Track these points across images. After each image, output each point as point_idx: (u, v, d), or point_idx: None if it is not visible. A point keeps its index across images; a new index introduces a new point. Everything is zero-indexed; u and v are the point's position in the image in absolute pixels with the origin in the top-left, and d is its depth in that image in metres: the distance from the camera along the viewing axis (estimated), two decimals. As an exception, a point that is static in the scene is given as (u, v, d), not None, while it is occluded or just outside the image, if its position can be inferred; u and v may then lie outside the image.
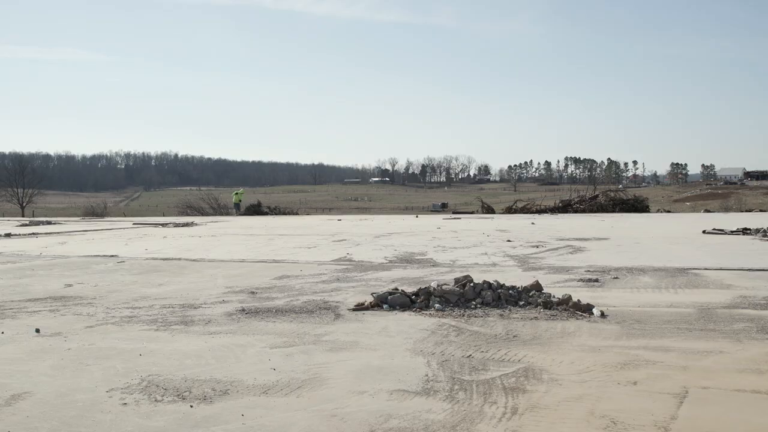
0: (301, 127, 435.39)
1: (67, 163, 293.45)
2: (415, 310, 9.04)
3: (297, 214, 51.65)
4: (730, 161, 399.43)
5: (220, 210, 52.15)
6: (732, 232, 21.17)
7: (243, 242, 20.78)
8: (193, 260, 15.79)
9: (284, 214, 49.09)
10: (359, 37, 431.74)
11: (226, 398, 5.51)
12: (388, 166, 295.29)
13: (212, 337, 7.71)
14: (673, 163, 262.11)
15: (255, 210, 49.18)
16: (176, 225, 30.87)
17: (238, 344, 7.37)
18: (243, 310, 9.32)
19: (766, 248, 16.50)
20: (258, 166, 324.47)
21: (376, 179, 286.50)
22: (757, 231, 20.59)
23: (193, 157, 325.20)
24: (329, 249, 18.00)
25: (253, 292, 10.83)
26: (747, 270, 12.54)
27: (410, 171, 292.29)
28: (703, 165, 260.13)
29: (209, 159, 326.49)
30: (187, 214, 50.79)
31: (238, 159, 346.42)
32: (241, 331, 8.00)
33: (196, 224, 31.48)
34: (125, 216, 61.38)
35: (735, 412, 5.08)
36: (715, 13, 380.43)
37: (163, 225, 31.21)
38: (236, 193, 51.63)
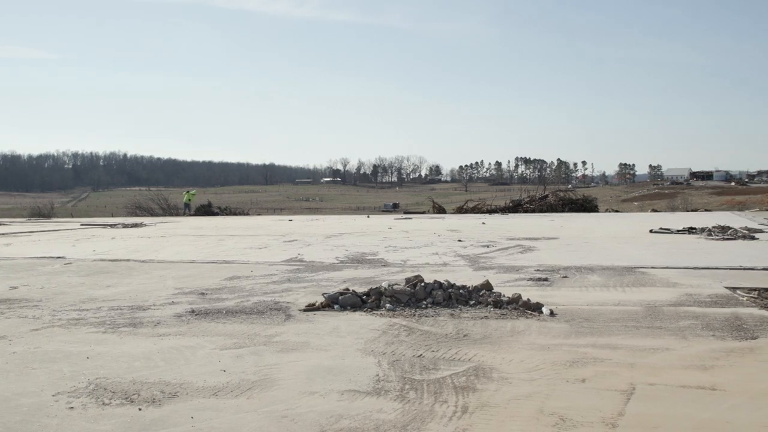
0: (252, 127, 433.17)
1: (12, 163, 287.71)
2: (366, 311, 9.04)
3: (248, 214, 51.30)
4: (677, 162, 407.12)
5: (169, 210, 51.57)
6: (678, 231, 21.52)
7: (193, 243, 20.60)
8: (142, 261, 15.61)
9: (235, 214, 48.77)
10: (311, 36, 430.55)
11: (175, 401, 5.46)
12: (340, 167, 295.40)
13: (161, 339, 7.63)
14: (621, 164, 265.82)
15: (205, 210, 48.78)
16: (125, 226, 30.49)
17: (187, 346, 7.30)
18: (193, 311, 9.24)
19: (711, 247, 16.80)
20: (209, 166, 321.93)
21: (328, 179, 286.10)
22: (703, 230, 20.95)
23: (142, 157, 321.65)
24: (280, 249, 17.92)
25: (203, 293, 10.74)
26: (692, 268, 12.76)
27: (362, 171, 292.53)
28: (650, 165, 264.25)
29: (159, 159, 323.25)
30: (137, 215, 50.17)
31: (189, 159, 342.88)
32: (191, 333, 7.93)
33: (146, 225, 31.13)
34: (73, 217, 60.39)
35: (680, 407, 5.16)
36: (664, 16, 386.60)
37: (112, 226, 30.80)
38: (187, 192, 51.20)
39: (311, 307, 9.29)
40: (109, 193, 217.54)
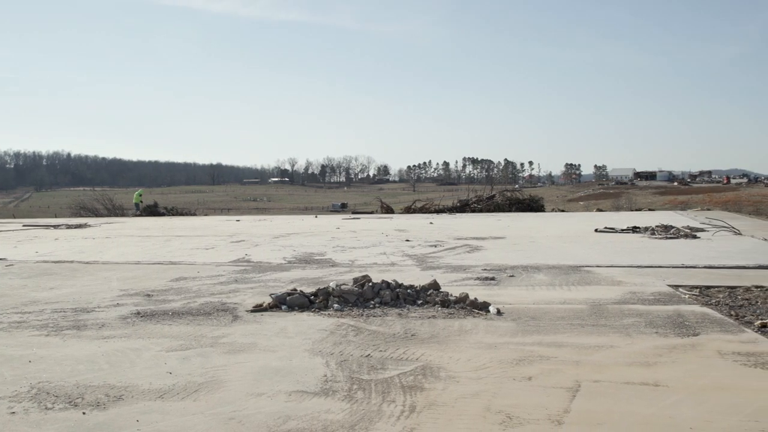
0: (199, 127, 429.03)
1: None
2: (314, 311, 9.02)
3: (195, 214, 50.84)
4: (621, 162, 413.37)
5: (115, 211, 50.86)
6: (622, 231, 21.84)
7: (139, 244, 20.34)
8: (87, 263, 15.37)
9: (182, 214, 48.27)
10: (258, 36, 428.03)
11: (120, 404, 5.39)
12: (288, 166, 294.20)
13: (106, 342, 7.52)
14: (567, 164, 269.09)
15: (151, 211, 48.21)
16: (69, 226, 29.97)
17: (132, 348, 7.22)
18: (138, 313, 9.13)
19: (654, 246, 17.08)
20: (155, 165, 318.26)
21: (276, 179, 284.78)
22: (646, 229, 21.28)
23: (86, 156, 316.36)
24: (227, 250, 17.79)
25: (148, 295, 10.62)
26: (636, 267, 12.96)
27: (310, 171, 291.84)
28: (595, 166, 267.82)
29: (104, 159, 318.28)
30: (81, 215, 49.37)
31: (134, 159, 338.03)
32: (136, 335, 7.83)
33: (90, 225, 30.65)
34: (15, 217, 59.18)
35: (625, 404, 5.24)
36: (610, 17, 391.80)
37: (55, 227, 30.27)
38: (138, 194, 50.58)
39: (259, 308, 9.25)
40: (53, 194, 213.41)
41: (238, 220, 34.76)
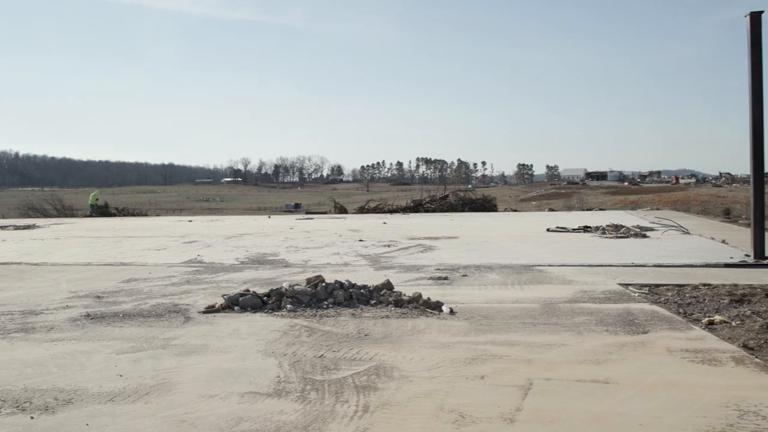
0: (150, 126, 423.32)
1: None
2: (267, 312, 8.99)
3: (146, 215, 50.22)
4: (573, 162, 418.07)
5: (64, 212, 50.05)
6: (574, 230, 22.06)
7: (89, 245, 20.05)
8: (35, 264, 15.13)
9: (133, 215, 47.65)
10: (209, 34, 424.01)
11: (69, 408, 5.31)
12: (241, 166, 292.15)
13: (55, 345, 7.41)
14: (519, 164, 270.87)
15: (102, 211, 47.57)
16: (16, 227, 29.46)
17: (82, 351, 7.12)
18: (88, 315, 9.01)
19: (605, 245, 17.29)
20: (105, 165, 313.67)
21: (229, 179, 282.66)
22: (597, 229, 21.53)
23: (35, 156, 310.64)
24: (179, 251, 17.63)
25: (99, 297, 10.48)
26: (587, 266, 13.11)
27: (263, 171, 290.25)
28: (547, 166, 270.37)
29: (53, 158, 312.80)
30: (29, 216, 48.51)
31: (84, 158, 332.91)
32: (86, 338, 7.73)
33: (39, 226, 30.12)
34: (-40, 219, 58.12)
35: (576, 401, 5.30)
36: (562, 19, 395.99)
37: (2, 228, 29.74)
38: (94, 195, 49.85)
39: (211, 309, 9.18)
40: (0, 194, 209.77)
41: (191, 221, 34.46)
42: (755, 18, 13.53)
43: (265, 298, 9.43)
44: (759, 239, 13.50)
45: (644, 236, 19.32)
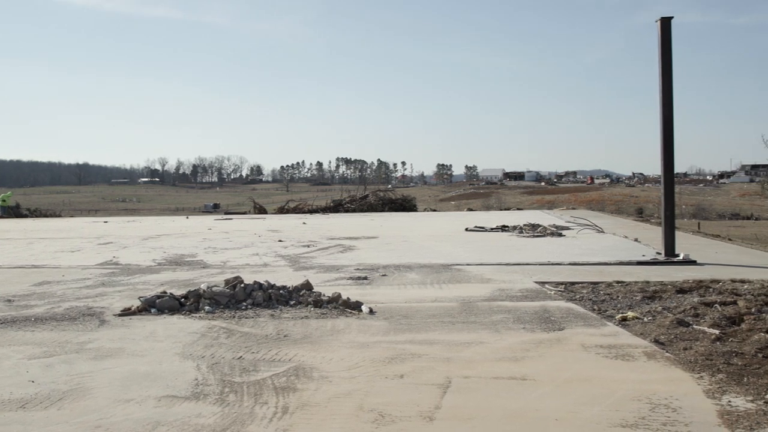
0: (64, 124, 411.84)
1: None
2: (185, 314, 8.87)
3: (60, 216, 49.03)
4: (491, 163, 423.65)
5: (-28, 213, 48.58)
6: (492, 229, 22.35)
7: (-1, 247, 19.48)
8: (-59, 267, 14.62)
9: (46, 216, 46.44)
10: (124, 31, 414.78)
11: (-23, 415, 5.15)
12: (158, 166, 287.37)
13: (-38, 350, 7.18)
14: (439, 164, 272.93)
15: (13, 213, 46.26)
16: None
17: (-9, 356, 6.91)
18: (-3, 319, 8.75)
19: (522, 244, 17.57)
20: (16, 165, 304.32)
21: (146, 179, 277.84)
22: (515, 228, 21.85)
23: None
24: (94, 252, 17.26)
25: (9, 300, 10.18)
26: (505, 264, 13.29)
27: (181, 171, 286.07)
28: (466, 166, 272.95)
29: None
30: (-66, 218, 46.96)
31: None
32: (-5, 342, 7.50)
33: (-55, 229, 29.14)
34: None
35: (494, 398, 5.37)
36: (479, 23, 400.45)
37: None
38: (7, 195, 48.38)
39: (127, 312, 9.01)
40: None
41: (106, 222, 33.79)
42: (665, 23, 13.92)
43: (183, 299, 9.30)
44: (670, 237, 13.89)
45: (560, 235, 19.69)
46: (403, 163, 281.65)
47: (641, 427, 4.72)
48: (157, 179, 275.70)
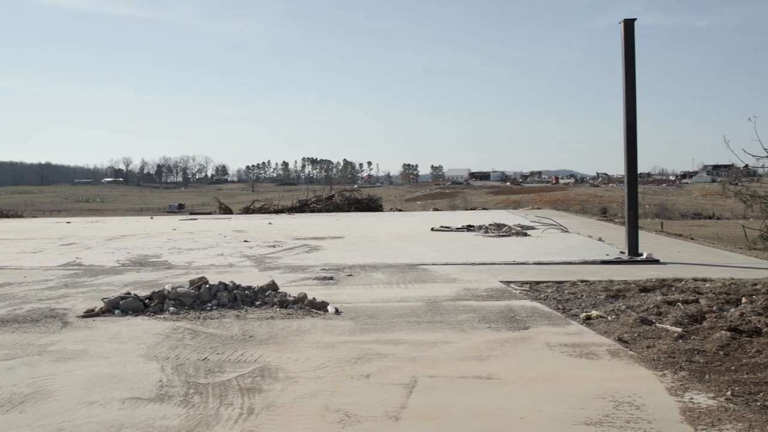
0: (25, 123, 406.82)
1: None
2: (149, 315, 8.80)
3: (22, 216, 48.49)
4: (457, 163, 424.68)
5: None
6: (458, 229, 22.44)
7: (-41, 248, 19.20)
8: None
9: (7, 216, 45.93)
10: (89, 29, 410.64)
11: (-64, 418, 5.07)
12: (122, 166, 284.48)
13: None
14: (405, 164, 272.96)
15: (-28, 213, 45.67)
16: None
17: (-49, 359, 6.81)
18: (-43, 321, 8.62)
19: (487, 244, 17.65)
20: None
21: (110, 179, 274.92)
22: (480, 228, 21.96)
23: None
24: (57, 253, 17.08)
25: (-31, 302, 10.04)
26: (470, 264, 13.35)
27: (145, 171, 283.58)
28: (432, 166, 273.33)
29: None
30: None
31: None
32: (-45, 345, 7.39)
33: None
34: None
35: (459, 397, 5.39)
36: (444, 23, 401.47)
37: None
38: None
39: (90, 313, 8.92)
40: None
41: (69, 222, 33.44)
42: (629, 25, 14.07)
43: (147, 300, 9.23)
44: (633, 237, 14.03)
45: (525, 235, 19.83)
46: (369, 163, 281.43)
47: (605, 425, 4.77)
48: (121, 179, 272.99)
